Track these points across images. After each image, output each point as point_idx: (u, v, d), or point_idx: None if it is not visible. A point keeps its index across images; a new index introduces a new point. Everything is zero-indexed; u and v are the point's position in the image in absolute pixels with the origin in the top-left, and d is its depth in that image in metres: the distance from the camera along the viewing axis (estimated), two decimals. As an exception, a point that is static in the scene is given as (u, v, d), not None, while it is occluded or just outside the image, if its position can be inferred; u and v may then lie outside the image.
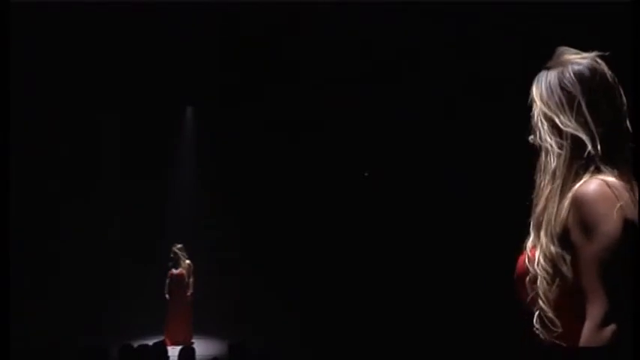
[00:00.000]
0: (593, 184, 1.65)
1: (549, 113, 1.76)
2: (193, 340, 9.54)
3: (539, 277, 1.68)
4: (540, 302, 1.67)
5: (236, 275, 10.80)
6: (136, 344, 6.26)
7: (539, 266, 1.68)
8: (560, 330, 1.64)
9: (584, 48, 1.83)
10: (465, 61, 9.07)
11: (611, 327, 1.54)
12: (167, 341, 8.78)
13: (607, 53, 1.79)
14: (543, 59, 1.85)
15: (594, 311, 1.57)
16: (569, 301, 1.64)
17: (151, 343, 6.53)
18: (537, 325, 1.67)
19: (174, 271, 9.83)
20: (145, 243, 10.77)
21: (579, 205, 1.64)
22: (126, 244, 10.81)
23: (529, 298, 1.70)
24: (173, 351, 7.13)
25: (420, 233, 10.18)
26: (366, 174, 11.38)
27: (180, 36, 9.81)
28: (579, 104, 1.74)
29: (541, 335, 1.65)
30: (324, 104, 10.76)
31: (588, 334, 1.57)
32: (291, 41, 10.21)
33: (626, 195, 1.64)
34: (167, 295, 9.77)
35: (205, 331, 9.88)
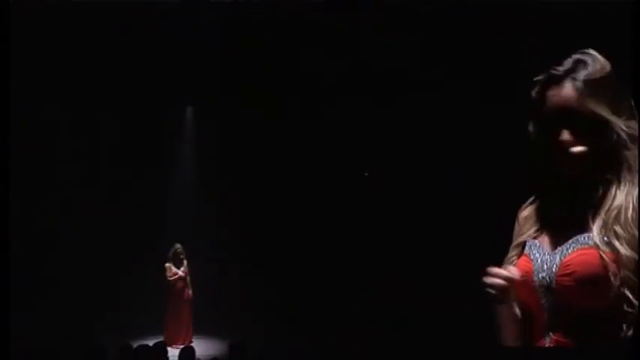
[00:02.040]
0: None
1: (618, 114, 1.78)
2: (193, 340, 9.54)
3: (625, 275, 1.67)
4: (631, 296, 1.66)
5: (236, 275, 10.80)
6: (135, 344, 6.25)
7: (627, 264, 1.68)
8: None
9: (583, 48, 1.83)
10: (464, 61, 9.07)
11: None
12: (167, 341, 8.78)
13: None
14: (543, 60, 1.85)
15: None
16: None
17: (151, 343, 6.53)
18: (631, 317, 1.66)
19: (178, 270, 9.82)
20: (145, 243, 10.76)
21: None
22: (126, 244, 10.80)
23: (608, 296, 1.68)
24: (173, 351, 7.13)
25: (421, 231, 10.19)
26: (366, 174, 11.38)
27: (180, 36, 9.82)
28: (630, 104, 1.82)
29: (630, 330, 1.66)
30: (325, 104, 10.76)
31: None
32: (292, 41, 10.21)
33: None
34: (173, 295, 9.73)
35: (205, 331, 9.88)
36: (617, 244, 1.69)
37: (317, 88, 10.69)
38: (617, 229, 1.71)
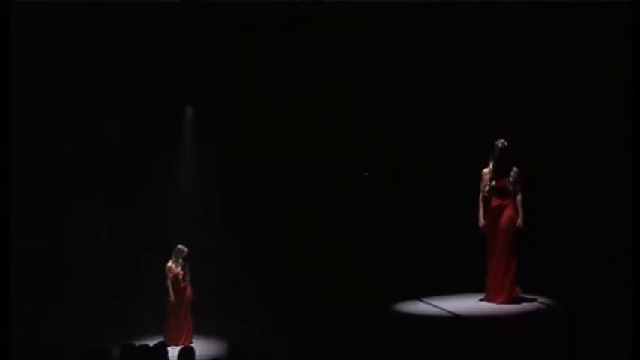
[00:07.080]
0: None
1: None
2: (193, 340, 9.54)
3: (512, 188, 8.43)
4: (513, 189, 8.46)
5: (236, 275, 10.79)
6: (136, 344, 6.24)
7: (510, 185, 8.43)
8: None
9: (583, 47, 1.84)
10: (464, 61, 9.08)
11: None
12: (167, 341, 8.78)
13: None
14: (543, 60, 1.86)
15: (518, 199, 8.46)
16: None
17: (151, 343, 6.52)
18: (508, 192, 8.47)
19: (179, 270, 9.79)
20: (145, 243, 10.76)
21: (520, 175, 8.43)
22: (126, 244, 10.80)
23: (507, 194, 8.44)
24: (173, 351, 7.11)
25: (421, 236, 10.20)
26: (366, 174, 11.37)
27: (180, 35, 9.84)
28: None
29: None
30: (325, 103, 10.77)
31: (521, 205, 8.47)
32: (292, 41, 10.22)
33: None
34: (172, 296, 9.69)
35: (205, 331, 9.87)
36: (506, 182, 8.44)
37: (318, 89, 10.70)
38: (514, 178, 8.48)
